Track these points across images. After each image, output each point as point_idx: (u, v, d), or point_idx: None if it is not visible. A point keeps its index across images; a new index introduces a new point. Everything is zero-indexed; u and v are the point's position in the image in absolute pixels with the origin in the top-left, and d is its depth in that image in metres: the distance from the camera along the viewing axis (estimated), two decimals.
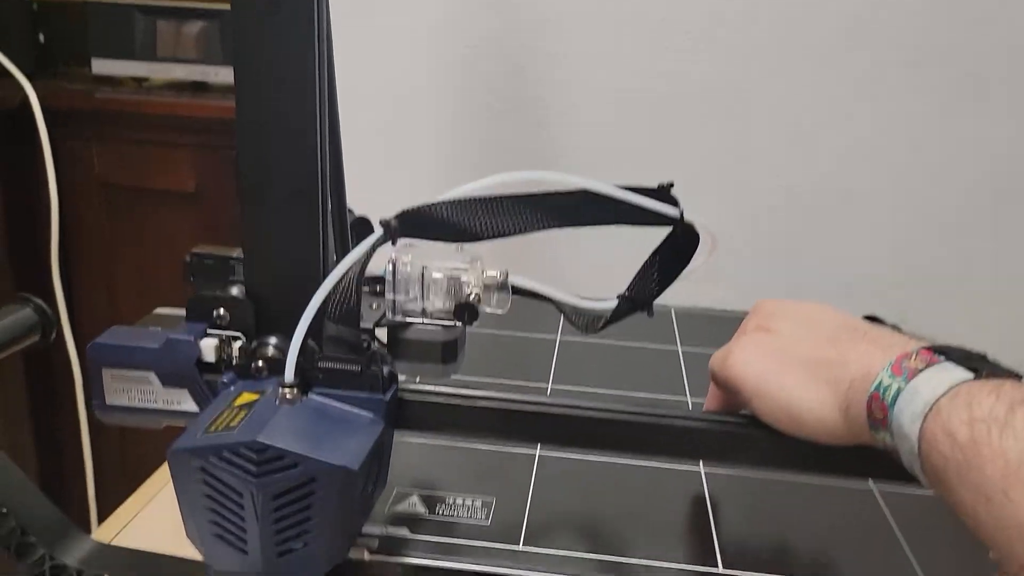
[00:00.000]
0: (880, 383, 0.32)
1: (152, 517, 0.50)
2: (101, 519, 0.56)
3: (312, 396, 0.37)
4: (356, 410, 0.36)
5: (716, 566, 0.39)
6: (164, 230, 1.18)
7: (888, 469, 0.33)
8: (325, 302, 0.36)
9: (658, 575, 0.38)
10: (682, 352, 0.63)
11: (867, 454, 0.35)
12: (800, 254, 0.79)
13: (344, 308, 0.36)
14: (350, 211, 0.48)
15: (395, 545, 0.39)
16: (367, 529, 0.40)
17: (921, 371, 0.31)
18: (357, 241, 0.37)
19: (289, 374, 0.36)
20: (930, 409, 0.30)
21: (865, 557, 0.41)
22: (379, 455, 0.37)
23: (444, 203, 0.37)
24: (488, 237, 0.37)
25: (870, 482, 0.46)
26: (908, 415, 0.31)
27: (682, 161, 0.79)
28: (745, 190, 0.78)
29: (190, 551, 0.38)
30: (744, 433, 0.38)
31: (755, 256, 0.80)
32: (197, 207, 1.16)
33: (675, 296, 0.78)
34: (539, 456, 0.48)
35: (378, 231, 0.36)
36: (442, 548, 0.39)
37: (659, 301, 0.73)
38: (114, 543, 0.52)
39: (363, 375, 0.37)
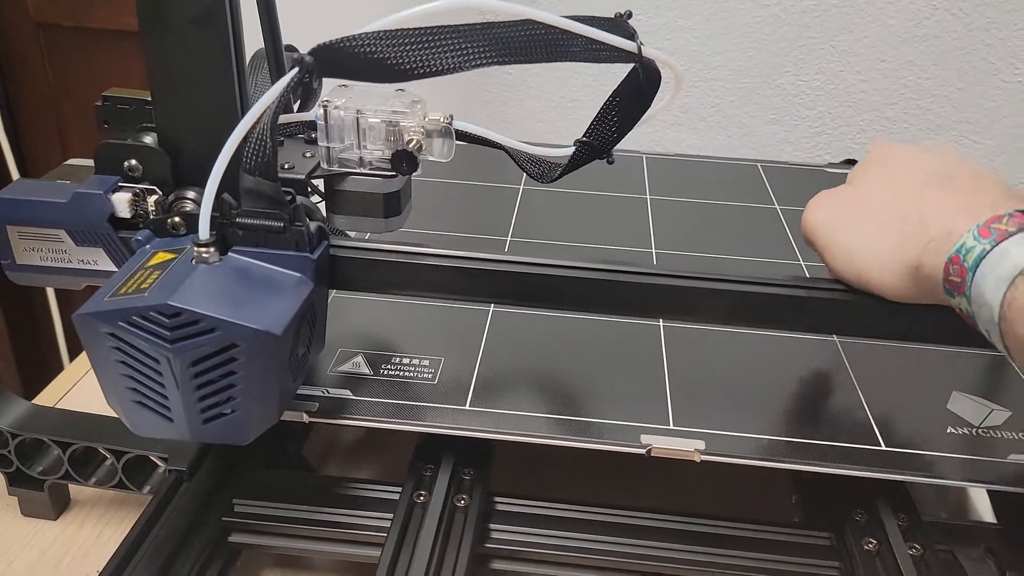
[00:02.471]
0: (963, 244, 0.30)
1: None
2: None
3: (232, 256, 0.34)
4: (281, 270, 0.34)
5: (667, 423, 0.38)
6: (113, 72, 1.11)
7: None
8: (239, 151, 0.32)
9: (607, 431, 0.37)
10: (650, 200, 0.60)
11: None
12: (778, 91, 0.74)
13: (260, 158, 0.32)
14: (290, 48, 0.43)
15: (336, 407, 0.38)
16: (307, 391, 0.38)
17: (1013, 235, 0.29)
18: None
19: (203, 232, 0.33)
20: (1020, 274, 0.28)
21: (821, 401, 0.40)
22: (309, 317, 0.34)
23: (368, 35, 0.32)
24: (421, 75, 0.33)
25: (833, 334, 0.45)
26: (992, 280, 0.28)
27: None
28: (727, 24, 0.72)
29: None
30: (703, 288, 0.35)
31: (733, 100, 0.75)
32: None
33: (646, 143, 0.74)
34: (492, 312, 0.46)
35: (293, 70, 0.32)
36: (385, 409, 0.38)
37: (631, 146, 0.69)
38: (58, 407, 0.51)
39: (287, 232, 0.33)
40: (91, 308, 0.31)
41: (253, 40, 0.44)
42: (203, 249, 0.33)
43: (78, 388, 0.54)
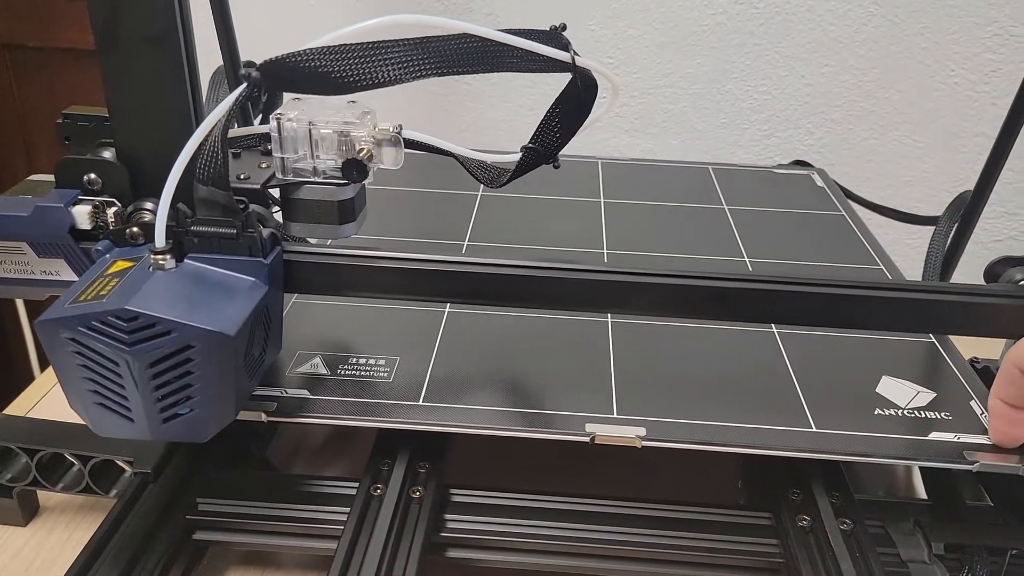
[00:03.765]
0: None
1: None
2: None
3: (188, 262, 0.35)
4: (236, 275, 0.35)
5: (612, 413, 0.40)
6: (78, 90, 1.12)
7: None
8: (192, 163, 0.34)
9: (554, 422, 0.39)
10: (604, 204, 0.62)
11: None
12: (727, 96, 0.77)
13: (211, 169, 0.34)
14: (250, 64, 0.44)
15: (294, 406, 0.39)
16: (266, 392, 0.40)
17: None
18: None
19: (160, 239, 0.34)
20: None
21: (758, 388, 0.42)
22: (263, 319, 0.36)
23: (313, 50, 0.34)
24: (364, 87, 0.35)
25: (772, 325, 0.47)
26: None
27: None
28: (675, 33, 0.75)
29: None
30: (629, 282, 0.38)
31: (685, 106, 0.78)
32: None
33: (603, 149, 0.76)
34: (447, 314, 0.48)
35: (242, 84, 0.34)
36: (342, 407, 0.39)
37: (587, 153, 0.72)
38: (29, 415, 0.52)
39: (240, 238, 0.35)
40: (52, 315, 0.32)
41: (215, 57, 0.46)
42: (159, 256, 0.34)
43: (48, 398, 0.55)
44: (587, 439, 0.38)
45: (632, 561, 0.39)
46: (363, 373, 0.42)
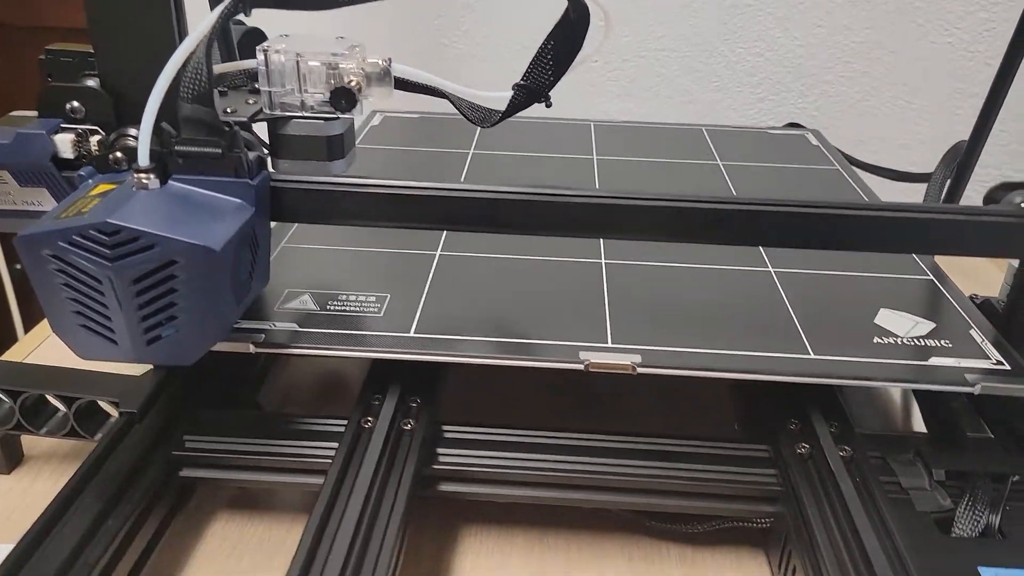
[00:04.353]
0: None
1: None
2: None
3: (173, 183, 0.35)
4: (221, 196, 0.35)
5: (606, 343, 0.39)
6: None
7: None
8: (177, 81, 0.33)
9: (547, 351, 0.38)
10: (596, 160, 0.62)
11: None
12: (720, 59, 0.77)
13: (196, 86, 0.33)
14: None
15: (282, 339, 0.39)
16: (254, 326, 0.39)
17: None
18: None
19: (143, 157, 0.33)
20: None
21: (754, 321, 0.41)
22: (250, 242, 0.35)
23: None
24: (351, 1, 0.35)
25: (768, 265, 0.47)
26: None
27: None
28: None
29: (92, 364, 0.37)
30: (629, 205, 0.37)
31: (676, 70, 0.77)
32: None
33: (594, 114, 0.76)
34: (439, 256, 0.47)
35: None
36: (330, 339, 0.39)
37: (579, 116, 0.71)
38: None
39: (225, 158, 0.34)
40: (32, 230, 0.32)
41: None
42: (143, 175, 0.33)
43: (32, 357, 0.54)
44: (581, 366, 0.38)
45: (628, 492, 0.39)
46: (353, 309, 0.41)
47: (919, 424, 0.47)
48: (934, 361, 0.38)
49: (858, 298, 0.44)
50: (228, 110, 0.40)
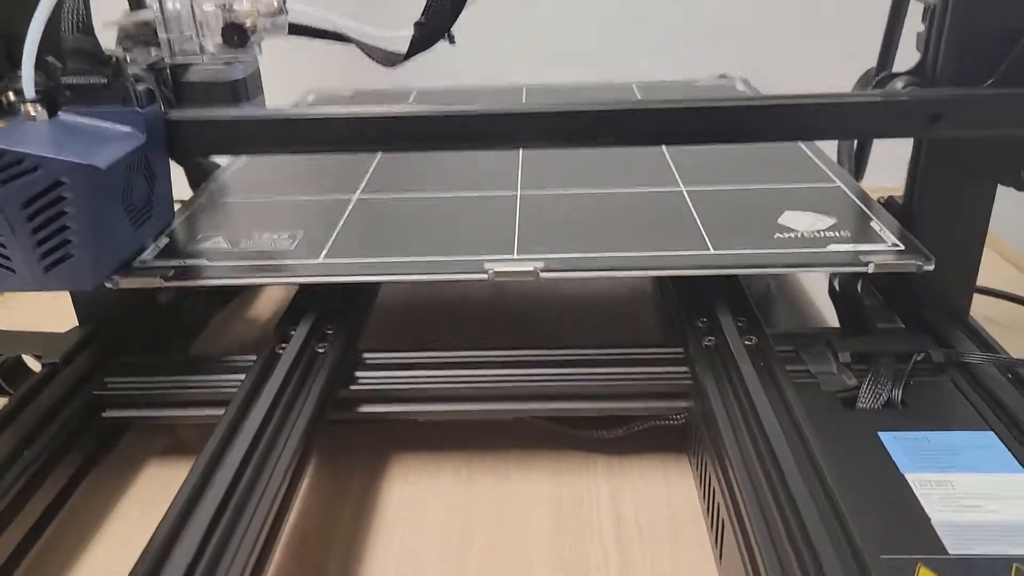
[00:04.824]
0: None
1: None
2: None
3: (62, 116, 0.35)
4: (111, 125, 0.35)
5: (511, 253, 0.40)
6: None
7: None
8: (58, 16, 0.34)
9: (454, 266, 0.39)
10: None
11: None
12: (647, 21, 0.78)
13: (76, 18, 0.34)
14: None
15: (192, 272, 0.39)
16: (164, 263, 0.40)
17: None
18: None
19: (28, 89, 0.34)
20: None
21: (660, 230, 0.42)
22: (144, 171, 0.36)
23: None
24: None
25: (680, 185, 0.47)
26: None
27: None
28: None
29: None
30: (521, 113, 0.38)
31: (601, 34, 0.78)
32: None
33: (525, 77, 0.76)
34: (356, 199, 0.48)
35: None
36: (238, 269, 0.39)
37: (510, 82, 0.72)
38: None
39: (111, 87, 0.35)
40: None
41: None
42: (29, 106, 0.34)
43: None
44: (485, 276, 0.38)
45: (548, 400, 0.39)
46: (265, 246, 0.42)
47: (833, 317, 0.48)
48: (832, 248, 0.39)
49: (765, 205, 0.45)
50: (128, 58, 0.41)
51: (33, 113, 0.34)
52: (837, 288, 0.47)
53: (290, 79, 0.62)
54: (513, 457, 0.41)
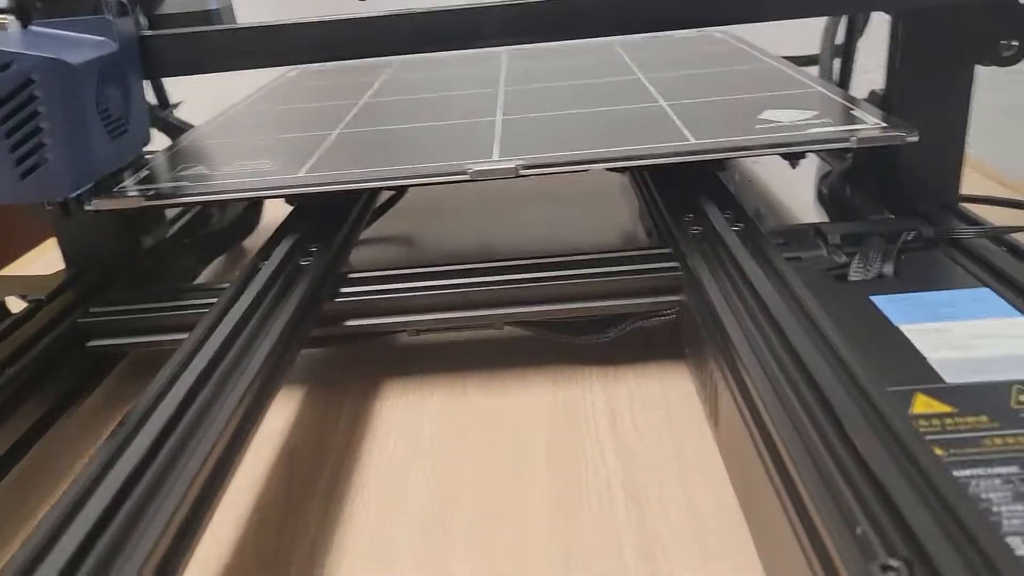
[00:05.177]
0: None
1: None
2: None
3: (34, 27, 0.35)
4: (83, 35, 0.35)
5: (491, 156, 0.39)
6: None
7: None
8: None
9: (431, 171, 0.38)
10: (505, 56, 0.63)
11: None
12: None
13: None
14: None
15: (173, 192, 0.39)
16: (145, 187, 0.39)
17: None
18: None
19: None
20: None
21: (638, 125, 0.41)
22: (117, 79, 0.36)
23: None
24: None
25: (660, 100, 0.47)
26: None
27: None
28: None
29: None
30: (482, 6, 0.38)
31: None
32: None
33: None
34: (340, 131, 0.47)
35: None
36: (218, 186, 0.39)
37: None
38: None
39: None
40: None
41: None
42: (1, 17, 0.34)
43: None
44: (466, 177, 0.38)
45: (540, 303, 0.39)
46: (245, 172, 0.42)
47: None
48: (813, 131, 0.39)
49: (747, 108, 0.44)
50: None
51: (3, 21, 0.34)
52: (825, 191, 0.46)
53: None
54: (506, 373, 0.41)
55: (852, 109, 0.42)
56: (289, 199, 0.42)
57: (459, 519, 0.31)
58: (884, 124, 0.38)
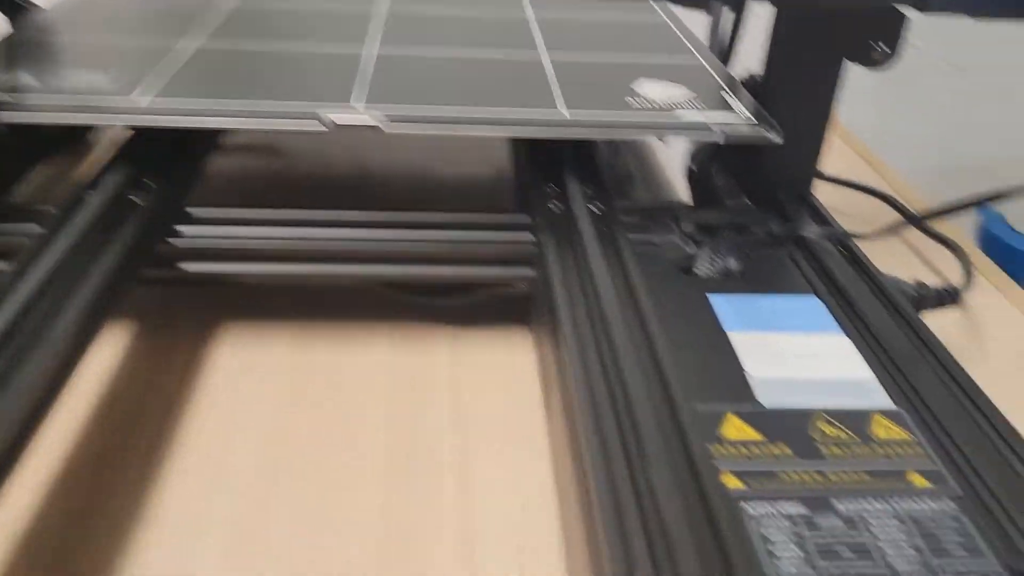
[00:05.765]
0: None
1: None
2: None
3: None
4: None
5: (359, 103, 0.37)
6: None
7: None
8: None
9: (287, 116, 0.36)
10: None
11: None
12: None
13: None
14: None
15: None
16: None
17: None
18: None
19: None
20: None
21: (514, 91, 0.40)
22: None
23: None
24: None
25: (542, 50, 0.46)
26: None
27: None
28: None
29: None
30: None
31: None
32: None
33: None
34: (191, 50, 0.43)
35: None
36: (39, 107, 0.35)
37: None
38: None
39: None
40: None
41: None
42: None
43: None
44: (324, 128, 0.35)
45: (390, 263, 0.38)
46: (80, 85, 0.37)
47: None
48: (679, 114, 0.38)
49: (623, 72, 0.43)
50: None
51: None
52: (695, 169, 0.47)
53: None
54: (352, 327, 0.40)
55: (727, 94, 0.41)
56: None
57: (282, 487, 0.31)
58: (754, 120, 0.38)
